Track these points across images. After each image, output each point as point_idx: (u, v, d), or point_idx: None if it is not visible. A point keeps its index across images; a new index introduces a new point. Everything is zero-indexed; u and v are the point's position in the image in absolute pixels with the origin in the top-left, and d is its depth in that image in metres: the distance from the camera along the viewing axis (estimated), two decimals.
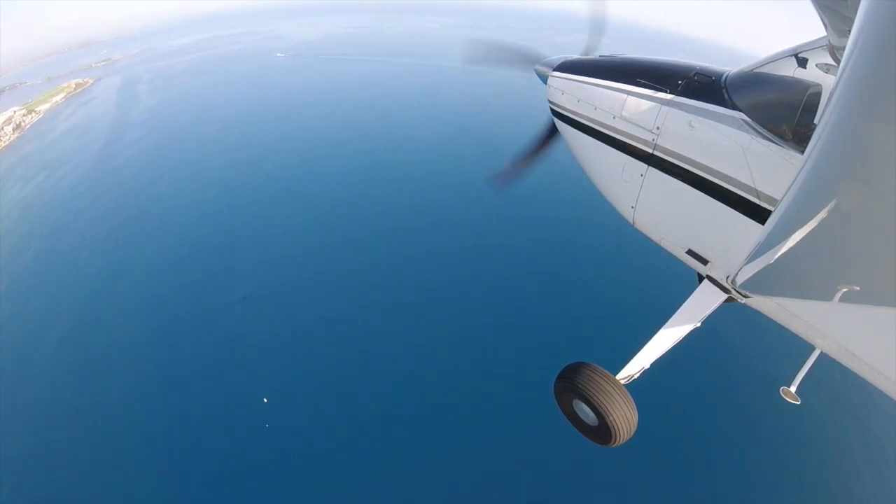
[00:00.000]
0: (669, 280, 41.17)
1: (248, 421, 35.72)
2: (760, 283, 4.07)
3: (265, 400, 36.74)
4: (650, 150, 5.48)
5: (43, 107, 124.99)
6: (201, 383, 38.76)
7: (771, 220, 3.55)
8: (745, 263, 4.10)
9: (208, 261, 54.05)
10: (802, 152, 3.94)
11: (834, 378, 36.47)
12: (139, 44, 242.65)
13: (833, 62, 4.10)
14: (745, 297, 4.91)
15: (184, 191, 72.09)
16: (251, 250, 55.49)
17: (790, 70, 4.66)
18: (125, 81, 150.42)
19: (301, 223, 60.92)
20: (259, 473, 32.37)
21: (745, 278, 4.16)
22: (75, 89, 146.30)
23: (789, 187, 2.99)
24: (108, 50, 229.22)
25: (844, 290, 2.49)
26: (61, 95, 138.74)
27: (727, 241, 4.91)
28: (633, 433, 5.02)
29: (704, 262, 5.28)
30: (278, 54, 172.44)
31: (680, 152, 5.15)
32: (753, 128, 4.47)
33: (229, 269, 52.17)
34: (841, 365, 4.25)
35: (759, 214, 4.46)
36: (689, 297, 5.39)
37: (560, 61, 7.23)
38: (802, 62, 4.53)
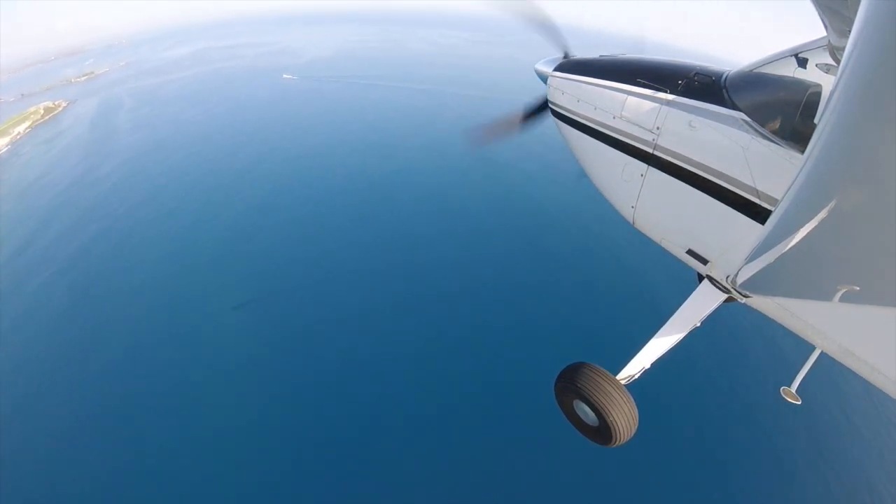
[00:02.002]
0: (669, 280, 41.37)
1: (246, 427, 35.50)
2: (760, 283, 4.08)
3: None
4: (650, 150, 5.49)
5: (1, 142, 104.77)
6: (197, 391, 38.33)
7: (771, 220, 3.55)
8: (745, 263, 4.10)
9: (200, 270, 53.32)
10: (802, 152, 3.95)
11: (834, 378, 36.58)
12: (127, 54, 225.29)
13: (833, 62, 4.10)
14: (745, 296, 4.91)
15: (173, 198, 70.98)
16: (243, 260, 54.76)
17: (790, 70, 4.66)
18: (102, 107, 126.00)
19: (296, 230, 60.38)
20: (259, 479, 32.21)
21: (744, 278, 4.17)
22: (43, 116, 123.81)
23: (789, 187, 2.99)
24: (95, 60, 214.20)
25: (844, 290, 2.49)
26: (26, 124, 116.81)
27: (727, 240, 4.91)
28: (633, 433, 5.03)
29: (704, 261, 5.29)
30: (285, 75, 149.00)
31: (680, 152, 5.16)
32: (753, 128, 4.47)
33: (222, 279, 51.47)
34: (841, 365, 4.25)
35: (759, 214, 4.47)
36: (689, 297, 5.40)
37: (560, 61, 7.23)
38: (802, 62, 4.54)
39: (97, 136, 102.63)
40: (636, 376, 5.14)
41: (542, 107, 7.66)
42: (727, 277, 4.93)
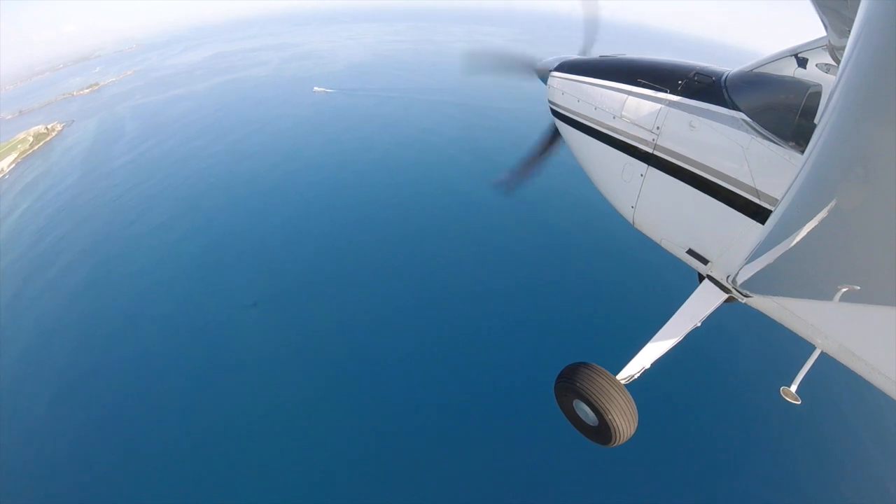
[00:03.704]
0: (669, 280, 41.34)
1: (258, 425, 35.73)
2: (761, 283, 4.08)
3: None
4: (650, 150, 5.49)
5: None
6: (211, 389, 38.83)
7: (771, 220, 3.56)
8: (746, 263, 4.10)
9: (217, 268, 54.18)
10: (802, 152, 3.94)
11: (834, 378, 36.53)
12: (136, 60, 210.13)
13: (833, 62, 4.09)
14: (746, 296, 4.91)
15: (191, 196, 71.65)
16: (261, 257, 55.61)
17: (790, 70, 4.65)
18: (100, 134, 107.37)
19: (311, 230, 61.00)
20: (267, 478, 32.35)
21: (745, 278, 4.17)
22: (32, 146, 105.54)
23: (789, 187, 3.00)
24: (102, 68, 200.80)
25: (844, 289, 2.50)
26: (11, 157, 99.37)
27: (727, 240, 4.91)
28: (633, 433, 5.02)
29: (705, 261, 5.28)
30: (316, 88, 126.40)
31: (680, 152, 5.15)
32: (753, 128, 4.47)
33: (239, 276, 52.34)
34: (841, 365, 4.25)
35: (759, 214, 4.47)
36: (689, 297, 5.39)
37: (560, 61, 7.22)
38: (802, 62, 4.52)
39: (88, 180, 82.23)
40: (636, 376, 5.13)
41: (556, 135, 7.75)
42: (727, 277, 4.93)
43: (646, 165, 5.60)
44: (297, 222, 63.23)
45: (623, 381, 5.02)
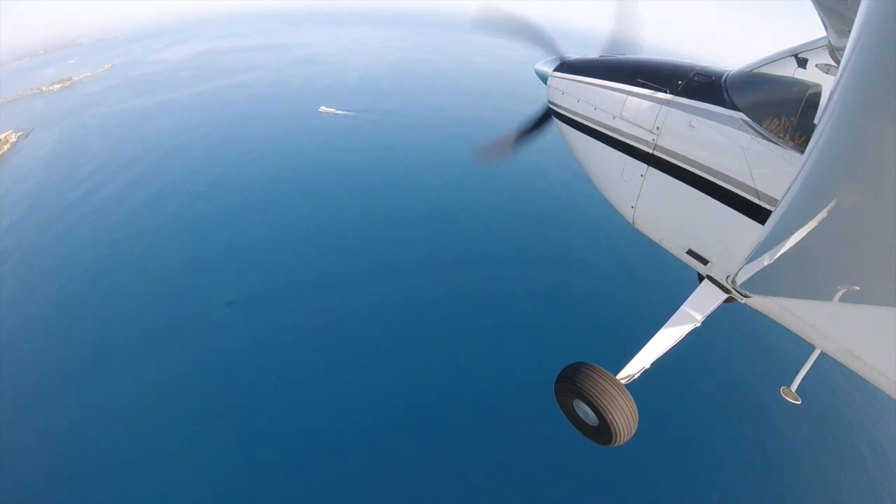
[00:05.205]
0: (669, 280, 41.37)
1: (239, 424, 35.61)
2: (760, 283, 4.07)
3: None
4: (650, 151, 5.49)
5: None
6: (190, 387, 38.59)
7: (771, 220, 3.55)
8: (745, 263, 4.10)
9: (194, 266, 53.69)
10: (802, 152, 3.94)
11: (834, 378, 36.62)
12: (117, 52, 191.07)
13: (833, 62, 4.09)
14: (745, 296, 4.90)
15: (169, 194, 71.04)
16: (237, 255, 55.06)
17: (790, 70, 4.65)
18: (60, 152, 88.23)
19: (291, 227, 60.60)
20: (251, 477, 32.29)
21: (745, 278, 4.16)
22: None
23: (789, 187, 2.99)
24: (79, 59, 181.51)
25: (844, 290, 2.49)
26: None
27: (727, 240, 4.91)
28: (633, 433, 5.01)
29: (704, 261, 5.28)
30: (322, 108, 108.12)
31: (680, 152, 5.16)
32: (753, 128, 4.47)
33: (215, 274, 51.85)
34: (841, 365, 4.26)
35: (759, 214, 4.47)
36: (689, 297, 5.39)
37: (560, 61, 7.21)
38: (802, 62, 4.53)
39: (41, 217, 67.76)
40: (636, 376, 5.12)
41: (539, 123, 7.75)
42: (727, 277, 4.93)
43: (646, 165, 5.61)
44: (283, 222, 62.71)
45: (623, 381, 5.01)
